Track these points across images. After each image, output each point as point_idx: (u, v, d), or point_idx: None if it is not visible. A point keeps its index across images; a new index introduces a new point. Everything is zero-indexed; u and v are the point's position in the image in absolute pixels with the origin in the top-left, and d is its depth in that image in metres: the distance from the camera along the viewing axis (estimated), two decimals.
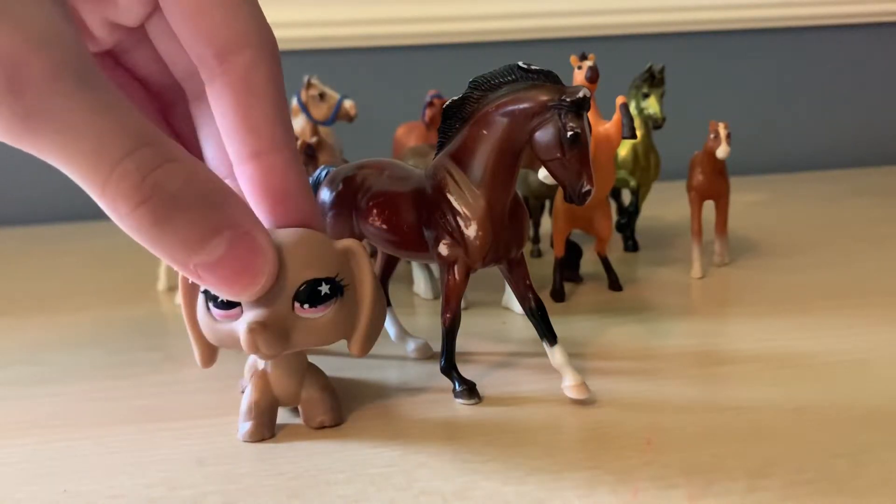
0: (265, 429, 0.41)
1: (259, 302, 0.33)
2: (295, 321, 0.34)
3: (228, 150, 0.34)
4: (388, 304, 0.54)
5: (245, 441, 0.41)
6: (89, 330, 0.62)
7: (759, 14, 1.22)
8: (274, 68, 0.33)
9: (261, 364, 0.40)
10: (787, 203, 1.00)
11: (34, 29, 0.24)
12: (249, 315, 0.33)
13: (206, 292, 0.35)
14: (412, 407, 0.45)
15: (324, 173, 0.52)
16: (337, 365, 0.52)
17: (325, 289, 0.34)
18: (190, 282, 0.36)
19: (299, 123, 0.80)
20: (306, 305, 0.34)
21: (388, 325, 0.54)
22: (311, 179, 0.53)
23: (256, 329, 0.32)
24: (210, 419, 0.44)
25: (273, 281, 0.32)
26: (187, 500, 0.36)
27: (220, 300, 0.34)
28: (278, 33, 0.36)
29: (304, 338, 0.35)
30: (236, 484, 0.37)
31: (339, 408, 0.42)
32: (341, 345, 0.39)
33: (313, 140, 0.70)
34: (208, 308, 0.35)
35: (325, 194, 0.50)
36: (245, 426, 0.41)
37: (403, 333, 0.54)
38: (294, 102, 0.80)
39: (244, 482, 0.37)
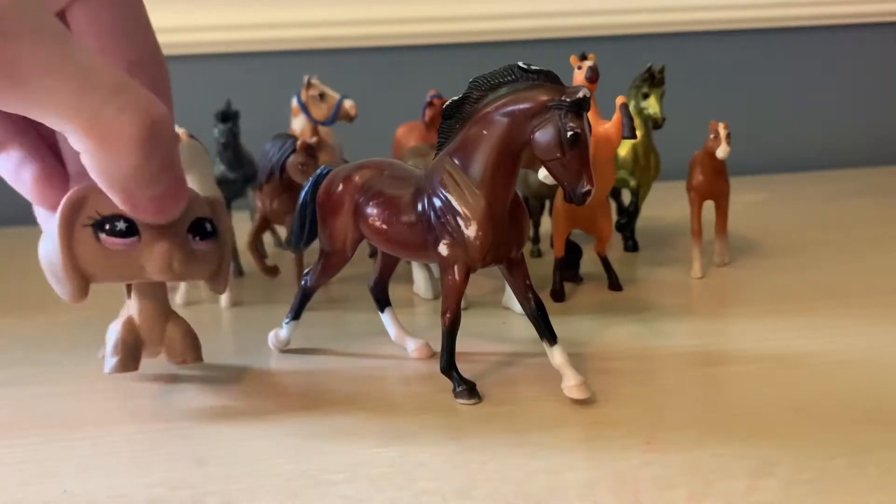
0: (130, 362, 0.42)
1: (161, 231, 0.36)
2: (190, 251, 0.38)
3: (118, 56, 0.35)
4: (388, 304, 0.55)
5: (112, 373, 0.42)
6: (89, 330, 0.62)
7: (759, 14, 1.22)
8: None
9: (126, 312, 0.43)
10: (787, 203, 1.00)
11: None
12: (156, 241, 0.36)
13: (96, 224, 0.36)
14: (412, 407, 0.45)
15: (324, 173, 0.52)
16: (338, 365, 0.52)
17: (208, 227, 0.39)
18: (67, 219, 0.36)
19: (299, 123, 0.80)
20: (197, 238, 0.38)
21: (388, 325, 0.54)
22: (311, 179, 0.54)
23: (175, 248, 0.36)
24: (210, 419, 0.44)
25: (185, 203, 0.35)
26: (187, 500, 0.36)
27: (118, 230, 0.36)
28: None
29: (193, 267, 0.38)
30: (236, 484, 0.37)
31: (199, 348, 0.44)
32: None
33: (313, 140, 0.70)
34: (98, 239, 0.36)
35: (326, 194, 0.50)
36: (112, 361, 0.42)
37: (403, 333, 0.54)
38: (294, 102, 0.80)
39: (244, 482, 0.37)
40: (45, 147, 0.35)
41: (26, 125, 0.33)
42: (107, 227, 0.36)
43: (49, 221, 0.37)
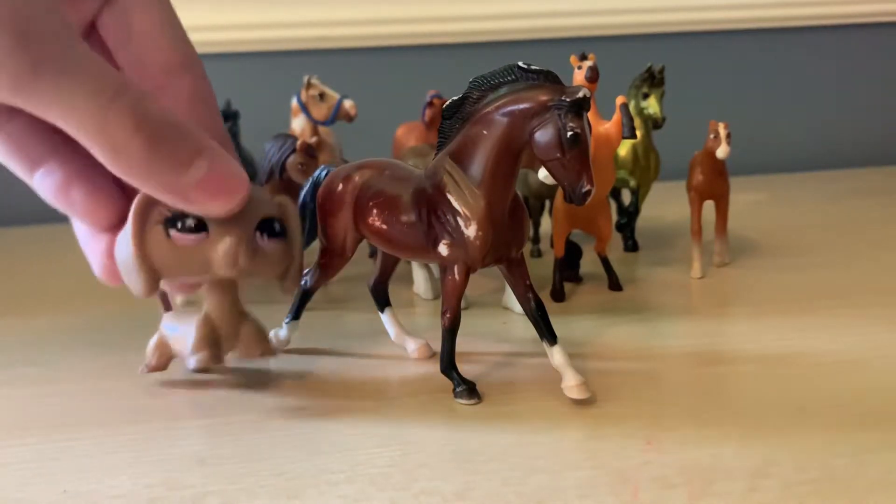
0: (216, 356, 0.42)
1: (229, 226, 0.37)
2: (257, 247, 0.38)
3: (157, 59, 0.36)
4: (389, 304, 0.55)
5: (197, 369, 0.42)
6: (89, 330, 0.62)
7: (759, 14, 1.22)
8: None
9: (198, 313, 0.43)
10: (787, 203, 1.00)
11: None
12: (224, 235, 0.36)
13: (167, 221, 0.36)
14: (412, 407, 0.45)
15: (324, 173, 0.52)
16: (338, 365, 0.52)
17: (277, 226, 0.39)
18: (140, 217, 0.37)
19: (299, 123, 0.80)
20: (265, 235, 0.38)
21: (388, 325, 0.54)
22: (310, 179, 0.54)
23: (240, 243, 0.36)
24: (210, 419, 0.44)
25: (246, 197, 0.36)
26: (187, 500, 0.36)
27: (187, 226, 0.36)
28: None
29: (262, 264, 0.38)
30: (236, 484, 0.37)
31: (270, 342, 0.45)
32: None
33: (313, 140, 0.70)
34: (168, 236, 0.36)
35: (326, 194, 0.50)
36: (196, 356, 0.42)
37: (403, 333, 0.54)
38: (294, 102, 0.79)
39: (244, 482, 0.37)
40: (90, 164, 0.35)
41: (67, 139, 0.33)
42: (178, 224, 0.36)
43: (92, 240, 0.37)
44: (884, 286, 0.64)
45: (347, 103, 0.77)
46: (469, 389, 0.45)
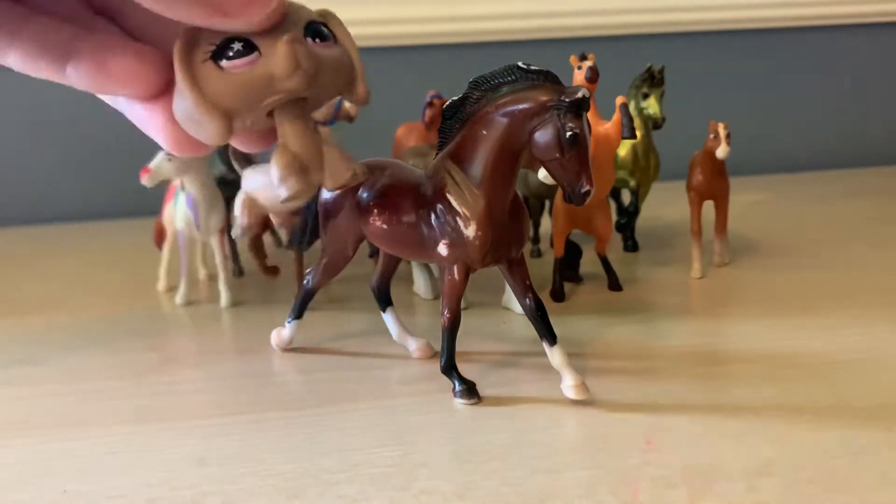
0: (306, 182, 0.39)
1: (277, 36, 0.33)
2: (310, 49, 0.35)
3: None
4: (391, 303, 0.55)
5: (289, 198, 0.38)
6: (89, 330, 0.62)
7: (759, 14, 1.22)
8: None
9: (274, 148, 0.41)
10: (787, 203, 1.00)
11: None
12: (276, 44, 0.33)
13: (214, 55, 0.35)
14: (412, 407, 0.45)
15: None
16: (338, 364, 0.52)
17: (326, 30, 0.36)
18: (186, 60, 0.35)
19: None
20: (317, 39, 0.35)
21: (390, 325, 0.54)
22: None
23: (296, 41, 0.33)
24: (210, 419, 0.45)
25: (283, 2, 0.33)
26: (187, 500, 0.36)
27: (236, 51, 0.35)
28: None
29: (324, 68, 0.35)
30: (236, 484, 0.37)
31: (356, 167, 0.43)
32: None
33: None
34: (221, 69, 0.35)
35: (327, 195, 0.50)
36: (286, 184, 0.39)
37: (405, 333, 0.54)
38: None
39: (244, 482, 0.37)
40: (119, 39, 0.32)
41: (89, 24, 0.31)
42: (227, 53, 0.33)
43: (149, 116, 0.35)
44: (884, 286, 0.64)
45: (347, 103, 0.77)
46: (469, 389, 0.45)
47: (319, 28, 0.35)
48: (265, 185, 0.41)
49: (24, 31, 0.31)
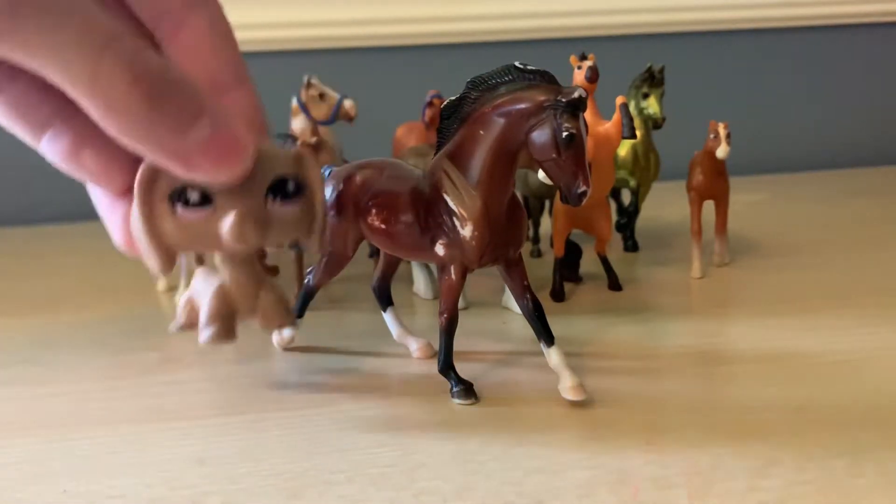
0: (227, 332, 0.41)
1: (235, 197, 0.35)
2: (268, 215, 0.36)
3: (214, 76, 0.34)
4: (391, 303, 0.55)
5: (209, 343, 0.40)
6: (90, 330, 0.62)
7: (759, 14, 1.22)
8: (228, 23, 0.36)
9: (216, 281, 0.40)
10: (787, 203, 1.00)
11: None
12: (230, 209, 0.34)
13: (172, 196, 0.35)
14: (412, 407, 0.45)
15: (324, 174, 0.52)
16: (338, 364, 0.52)
17: (291, 186, 0.36)
18: (144, 194, 0.35)
19: (299, 123, 0.80)
20: (278, 199, 0.36)
21: (390, 325, 0.54)
22: None
23: (246, 217, 0.34)
24: (210, 419, 0.45)
25: (251, 162, 0.34)
26: (187, 500, 0.36)
27: (191, 201, 0.35)
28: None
29: (276, 232, 0.36)
30: (236, 484, 0.37)
31: (291, 312, 0.42)
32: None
33: (313, 140, 0.70)
34: (174, 213, 0.36)
35: (327, 195, 0.50)
36: (209, 330, 0.40)
37: (406, 333, 0.54)
38: (294, 102, 0.79)
39: (244, 482, 0.37)
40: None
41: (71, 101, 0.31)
42: (183, 199, 0.34)
43: (109, 208, 0.35)
44: (883, 286, 0.64)
45: (347, 103, 0.77)
46: (466, 389, 0.45)
47: (285, 186, 0.36)
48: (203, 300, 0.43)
49: (11, 85, 0.31)
